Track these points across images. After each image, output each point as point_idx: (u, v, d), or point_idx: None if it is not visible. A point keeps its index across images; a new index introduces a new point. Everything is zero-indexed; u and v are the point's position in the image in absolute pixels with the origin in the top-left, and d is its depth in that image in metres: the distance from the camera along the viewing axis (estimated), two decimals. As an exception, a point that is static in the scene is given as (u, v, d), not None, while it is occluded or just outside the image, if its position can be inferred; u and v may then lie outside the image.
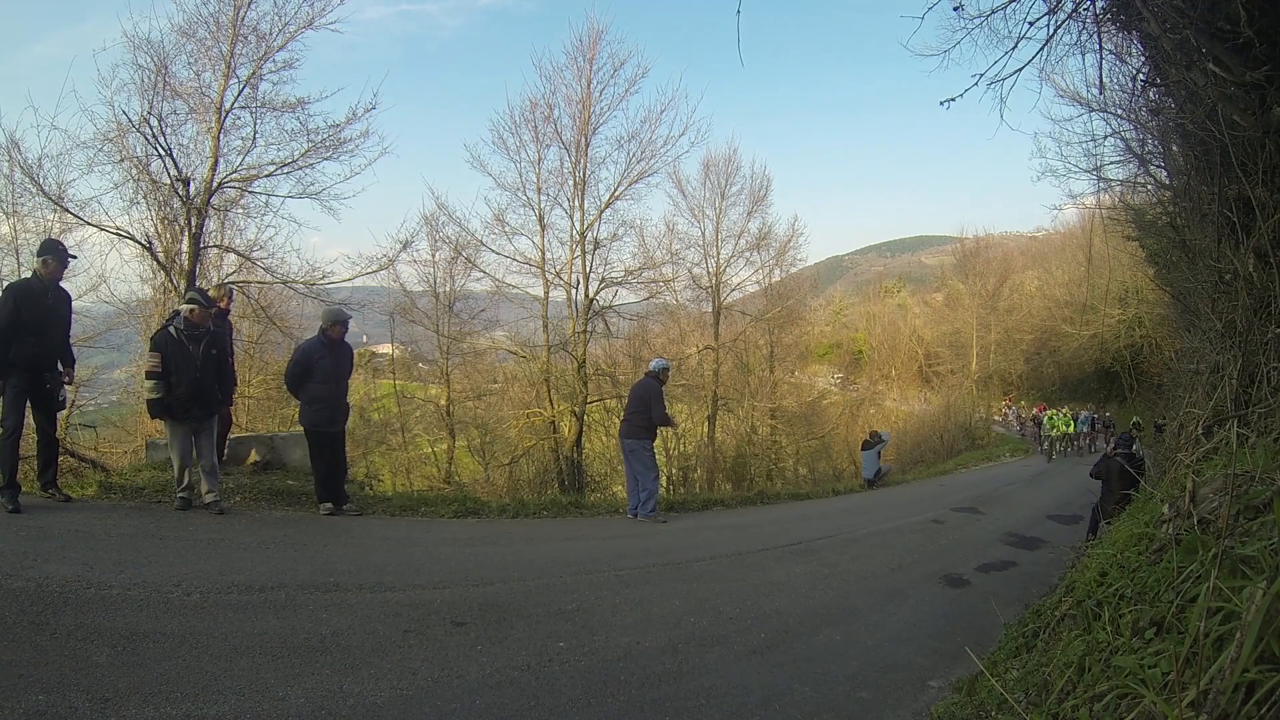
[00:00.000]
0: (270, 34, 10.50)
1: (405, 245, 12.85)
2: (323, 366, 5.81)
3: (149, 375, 5.25)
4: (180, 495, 5.28)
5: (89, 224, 10.22)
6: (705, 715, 2.93)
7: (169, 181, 10.22)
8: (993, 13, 4.37)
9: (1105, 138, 9.39)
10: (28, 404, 4.95)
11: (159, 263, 10.46)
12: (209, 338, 5.37)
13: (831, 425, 26.99)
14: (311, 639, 3.16)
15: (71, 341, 5.45)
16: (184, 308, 5.34)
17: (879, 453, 14.70)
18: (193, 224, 10.27)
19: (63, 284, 5.23)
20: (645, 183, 17.69)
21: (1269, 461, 2.49)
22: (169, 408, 5.22)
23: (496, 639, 3.44)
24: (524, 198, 17.14)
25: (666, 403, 8.09)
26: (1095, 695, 1.82)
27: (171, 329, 5.27)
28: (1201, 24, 3.17)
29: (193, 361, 5.22)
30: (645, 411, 7.47)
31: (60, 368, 5.17)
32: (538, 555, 5.39)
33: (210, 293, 6.28)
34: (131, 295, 12.17)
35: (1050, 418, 21.46)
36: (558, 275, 17.40)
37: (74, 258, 5.42)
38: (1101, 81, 4.65)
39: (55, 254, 5.02)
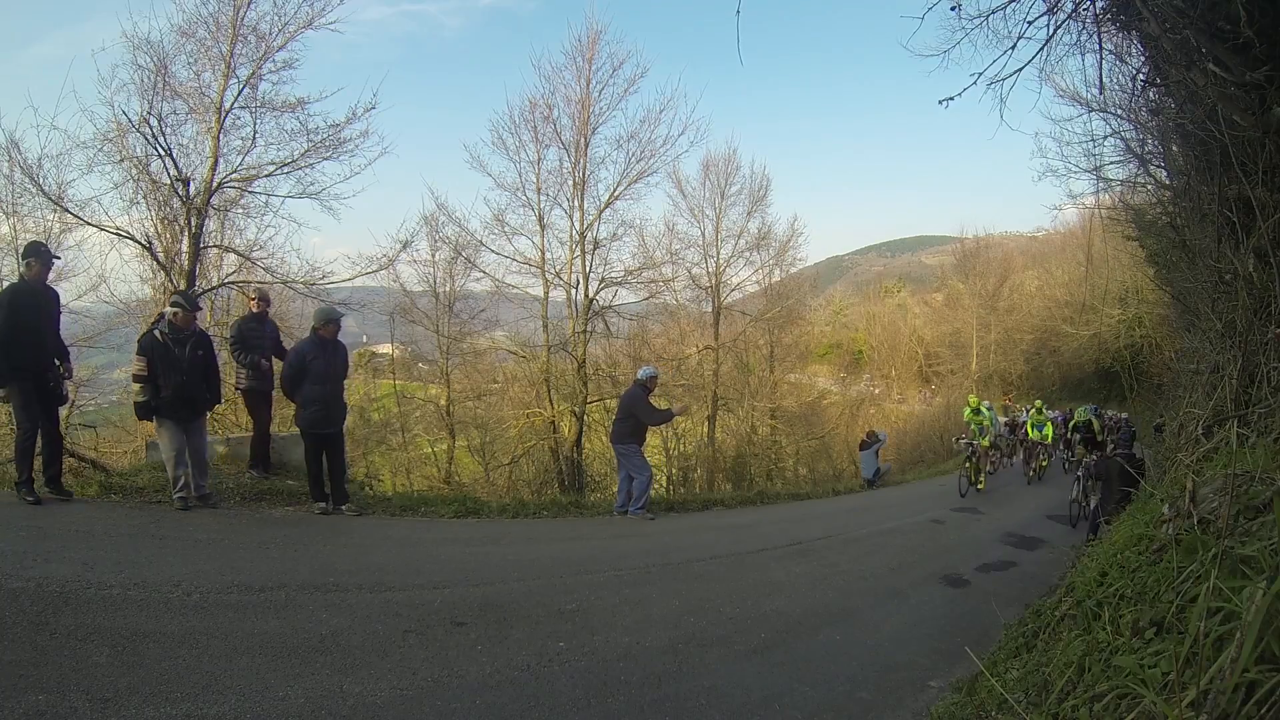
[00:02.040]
0: (270, 34, 10.50)
1: (405, 245, 12.85)
2: (316, 367, 5.79)
3: (135, 379, 5.35)
4: (179, 495, 5.31)
5: (89, 224, 10.22)
6: (705, 715, 2.93)
7: (169, 181, 10.22)
8: (992, 13, 4.38)
9: (1105, 138, 9.42)
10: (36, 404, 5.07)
11: (159, 263, 10.46)
12: (194, 339, 5.43)
13: (831, 425, 26.98)
14: (311, 639, 3.16)
15: (70, 342, 5.50)
16: (168, 311, 5.40)
17: (877, 452, 14.70)
18: (193, 224, 10.27)
19: (53, 285, 5.31)
20: (645, 183, 17.68)
21: (1269, 461, 2.50)
22: (157, 409, 5.31)
23: (496, 639, 3.44)
24: (524, 198, 17.15)
25: (669, 402, 8.28)
26: (1095, 695, 1.82)
27: (157, 333, 5.33)
28: (1201, 24, 3.17)
29: (179, 364, 5.29)
30: (629, 418, 7.73)
31: (58, 364, 5.26)
32: (538, 555, 5.39)
33: (250, 299, 6.32)
34: (131, 295, 12.15)
35: (974, 409, 12.27)
36: (558, 275, 17.40)
37: (58, 259, 5.56)
38: (1101, 81, 4.66)
39: (39, 255, 5.17)
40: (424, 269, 20.80)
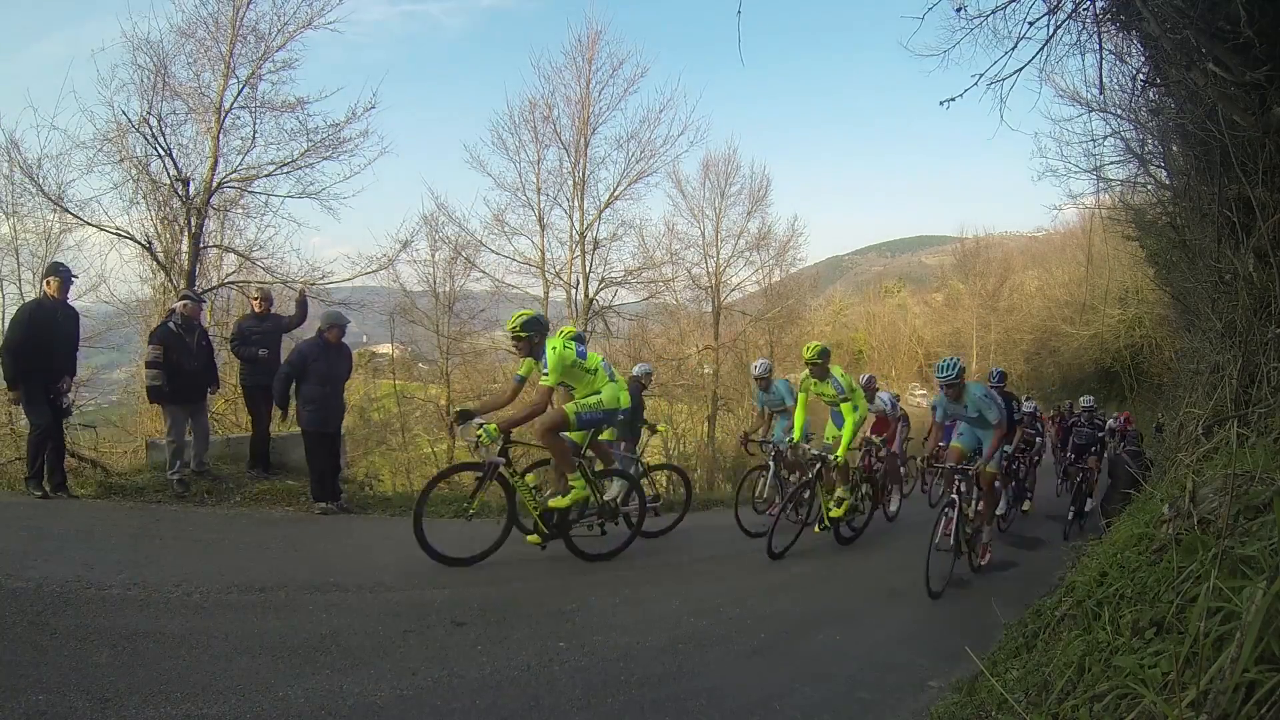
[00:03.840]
0: (269, 34, 10.57)
1: (405, 245, 12.97)
2: (318, 369, 5.84)
3: (150, 365, 5.85)
4: (174, 476, 5.68)
5: (89, 224, 10.27)
6: (705, 715, 2.93)
7: (169, 181, 10.25)
8: (993, 13, 4.39)
9: (1105, 138, 9.41)
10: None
11: (159, 263, 10.48)
12: (199, 330, 6.09)
13: (831, 425, 26.91)
14: (311, 639, 3.16)
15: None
16: (179, 305, 6.05)
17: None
18: (192, 224, 10.30)
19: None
20: (644, 183, 17.75)
21: (1269, 461, 2.50)
22: (170, 394, 5.78)
23: (496, 639, 3.44)
24: (523, 198, 17.20)
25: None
26: (1095, 695, 1.82)
27: (171, 324, 5.87)
28: (1201, 24, 3.17)
29: (190, 351, 5.87)
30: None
31: (65, 380, 5.59)
32: (538, 555, 5.38)
33: (253, 299, 6.93)
34: (131, 295, 12.17)
35: (815, 361, 6.20)
36: (557, 275, 17.43)
37: (75, 278, 5.95)
38: (1101, 81, 4.67)
39: (58, 274, 5.56)
40: (424, 269, 20.76)
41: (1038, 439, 9.25)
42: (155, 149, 10.03)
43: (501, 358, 21.68)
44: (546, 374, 4.73)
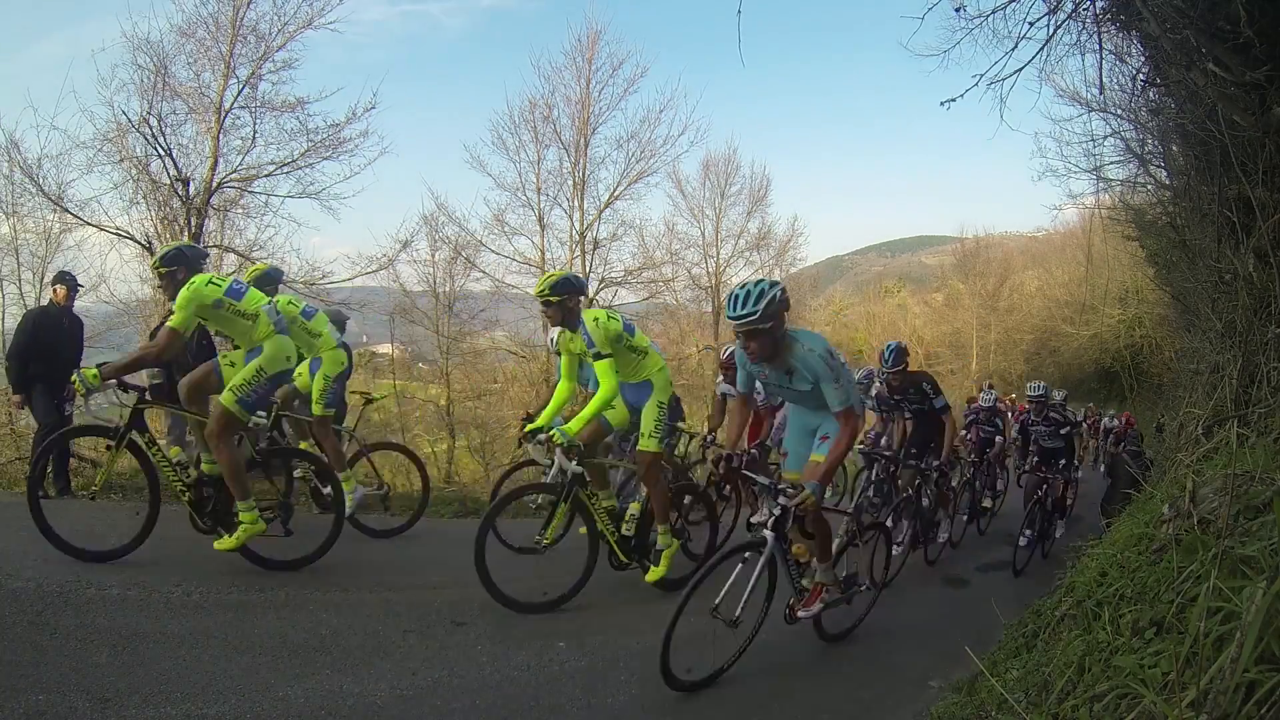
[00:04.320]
0: (269, 34, 10.59)
1: (405, 245, 13.00)
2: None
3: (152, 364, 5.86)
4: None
5: (89, 224, 10.28)
6: (705, 715, 2.94)
7: (169, 181, 10.26)
8: (993, 13, 4.40)
9: (1105, 138, 9.41)
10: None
11: (159, 262, 10.48)
12: (198, 330, 5.93)
13: (831, 425, 26.89)
14: (311, 639, 3.16)
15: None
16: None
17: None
18: (192, 224, 10.31)
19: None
20: (645, 183, 17.75)
21: (1269, 461, 2.50)
22: (170, 393, 5.71)
23: (496, 639, 3.44)
24: (523, 198, 17.22)
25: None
26: (1095, 695, 1.82)
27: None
28: (1201, 24, 3.17)
29: (190, 349, 5.87)
30: None
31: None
32: (534, 555, 5.36)
33: None
34: (131, 295, 12.16)
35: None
36: (558, 275, 17.44)
37: (81, 286, 6.18)
38: (1101, 81, 4.68)
39: (65, 282, 5.78)
40: (424, 269, 20.73)
41: (998, 437, 8.02)
42: (155, 149, 10.06)
43: (502, 357, 21.71)
44: (174, 312, 3.74)
